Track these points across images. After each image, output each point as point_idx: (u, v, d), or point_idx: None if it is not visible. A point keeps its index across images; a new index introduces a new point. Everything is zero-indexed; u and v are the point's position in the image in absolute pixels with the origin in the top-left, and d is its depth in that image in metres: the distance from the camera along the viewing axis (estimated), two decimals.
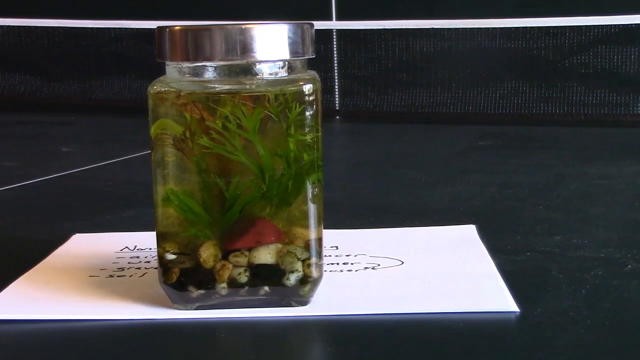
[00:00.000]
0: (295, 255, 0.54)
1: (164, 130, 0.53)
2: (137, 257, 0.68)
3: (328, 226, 0.58)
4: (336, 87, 1.83)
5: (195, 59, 0.52)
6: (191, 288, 0.54)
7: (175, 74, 0.53)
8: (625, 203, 0.88)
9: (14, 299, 0.58)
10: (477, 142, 1.42)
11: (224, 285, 0.53)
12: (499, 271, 0.61)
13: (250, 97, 0.52)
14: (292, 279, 0.54)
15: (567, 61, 1.69)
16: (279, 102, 0.52)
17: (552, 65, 1.69)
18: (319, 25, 1.71)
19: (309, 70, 0.55)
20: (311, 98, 0.53)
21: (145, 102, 0.53)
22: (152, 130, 0.54)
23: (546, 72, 1.70)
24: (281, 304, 0.54)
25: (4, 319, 0.54)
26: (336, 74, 1.83)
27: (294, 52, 0.53)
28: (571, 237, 0.72)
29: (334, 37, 1.83)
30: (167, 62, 0.54)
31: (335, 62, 1.83)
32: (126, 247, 0.71)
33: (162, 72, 0.55)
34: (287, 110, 0.52)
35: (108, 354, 0.49)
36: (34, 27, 2.00)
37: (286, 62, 0.53)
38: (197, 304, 0.54)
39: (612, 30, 1.64)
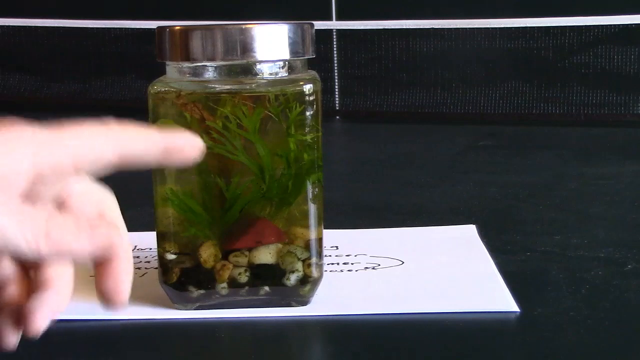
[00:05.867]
0: (296, 255, 0.54)
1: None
2: (137, 257, 0.68)
3: (328, 226, 0.58)
4: (336, 87, 1.83)
5: (196, 59, 0.52)
6: (191, 288, 0.54)
7: (176, 74, 0.53)
8: (625, 203, 0.87)
9: None
10: (477, 142, 1.42)
11: (224, 285, 0.53)
12: (499, 271, 0.61)
13: (251, 97, 0.52)
14: (292, 278, 0.54)
15: (567, 61, 1.68)
16: (279, 102, 0.52)
17: (552, 65, 1.69)
18: (319, 25, 1.71)
19: (309, 70, 0.55)
20: (311, 98, 0.53)
21: (145, 102, 0.53)
22: None
23: (546, 72, 1.70)
24: (281, 304, 0.54)
25: None
26: (336, 74, 1.83)
27: (294, 52, 0.53)
28: (571, 237, 0.72)
29: (334, 37, 1.83)
30: (167, 62, 0.54)
31: (335, 62, 1.83)
32: None
33: (162, 72, 0.55)
34: (287, 110, 0.52)
35: (108, 353, 0.49)
36: (34, 27, 2.00)
37: (286, 62, 0.53)
38: (197, 304, 0.54)
39: (612, 30, 1.64)
